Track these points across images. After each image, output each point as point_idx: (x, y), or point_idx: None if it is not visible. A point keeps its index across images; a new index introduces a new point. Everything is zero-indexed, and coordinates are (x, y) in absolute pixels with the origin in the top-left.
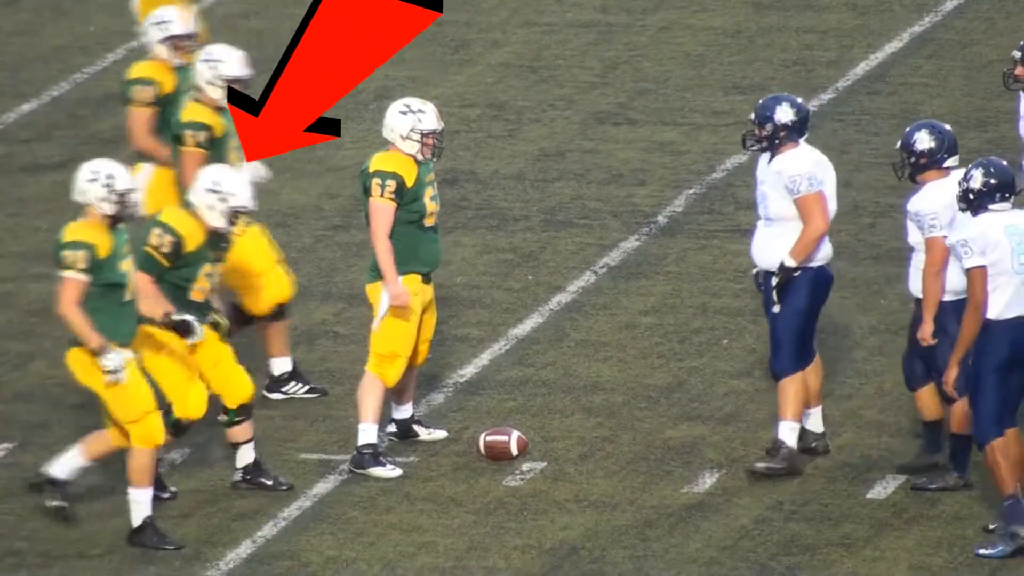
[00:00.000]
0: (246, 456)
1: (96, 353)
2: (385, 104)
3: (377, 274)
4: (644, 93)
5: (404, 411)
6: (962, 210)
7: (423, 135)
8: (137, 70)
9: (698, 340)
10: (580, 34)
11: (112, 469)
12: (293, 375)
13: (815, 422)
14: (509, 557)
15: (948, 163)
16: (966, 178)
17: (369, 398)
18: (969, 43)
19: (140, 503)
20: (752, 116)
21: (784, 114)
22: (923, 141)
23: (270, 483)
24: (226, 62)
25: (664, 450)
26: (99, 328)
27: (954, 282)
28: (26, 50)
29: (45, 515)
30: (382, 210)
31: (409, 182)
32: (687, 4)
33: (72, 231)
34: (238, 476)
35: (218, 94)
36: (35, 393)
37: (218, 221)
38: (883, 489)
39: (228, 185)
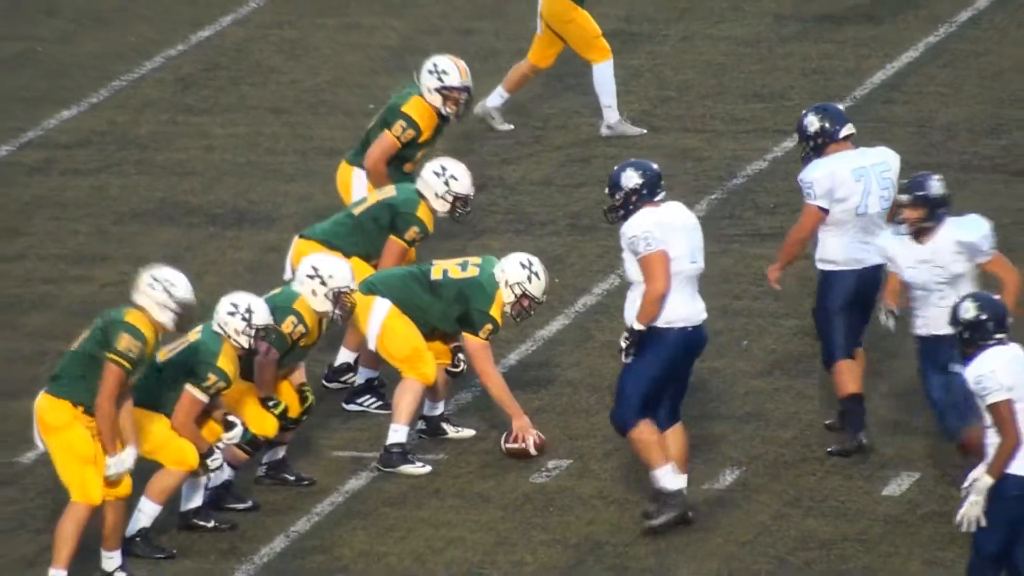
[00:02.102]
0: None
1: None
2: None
3: (367, 288)
4: (667, 101)
5: (434, 409)
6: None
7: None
8: (413, 106)
9: (719, 341)
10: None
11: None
12: (354, 370)
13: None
14: (535, 551)
15: (842, 135)
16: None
17: (405, 400)
18: (982, 53)
19: (146, 515)
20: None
21: (629, 179)
22: (813, 124)
23: (292, 479)
24: (460, 179)
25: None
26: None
27: (828, 252)
28: (66, 58)
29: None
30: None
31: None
32: (708, 15)
33: (224, 357)
34: (261, 471)
35: (444, 209)
36: None
37: (323, 305)
38: (898, 486)
39: (327, 268)
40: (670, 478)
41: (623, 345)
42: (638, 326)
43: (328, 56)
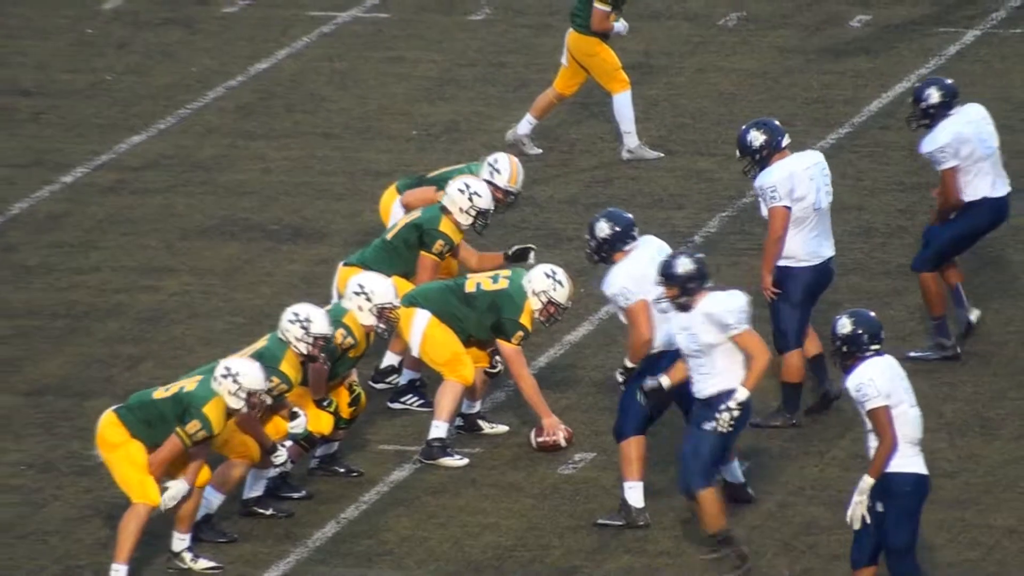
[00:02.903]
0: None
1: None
2: (456, 137)
3: (409, 301)
4: (682, 127)
5: (471, 407)
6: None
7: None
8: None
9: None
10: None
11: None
12: (398, 372)
13: (734, 474)
14: (563, 536)
15: (784, 143)
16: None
17: (446, 399)
18: (968, 83)
19: (211, 503)
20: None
21: (601, 229)
22: (757, 138)
23: (342, 470)
24: (482, 196)
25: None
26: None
27: (789, 249)
28: (137, 88)
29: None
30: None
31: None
32: (720, 48)
33: (286, 363)
34: (315, 463)
35: (467, 223)
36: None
37: (369, 319)
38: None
39: (371, 286)
40: (633, 494)
41: (620, 379)
42: (630, 364)
43: (374, 86)
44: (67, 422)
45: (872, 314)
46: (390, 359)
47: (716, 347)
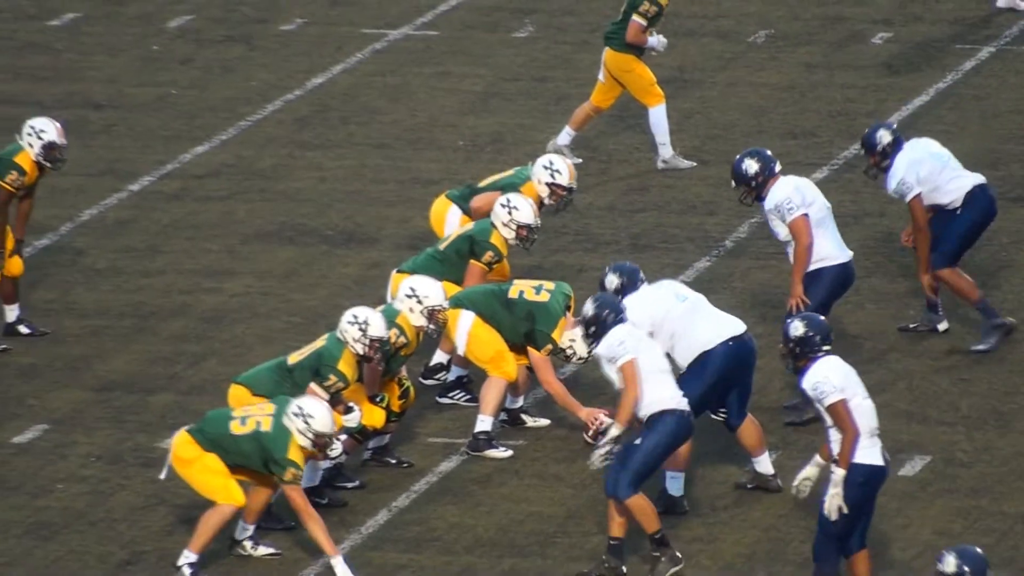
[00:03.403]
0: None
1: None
2: (501, 147)
3: (455, 303)
4: (714, 138)
5: (515, 402)
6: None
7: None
8: (526, 191)
9: (759, 343)
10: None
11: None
12: (447, 369)
13: (765, 465)
14: (601, 523)
15: (777, 169)
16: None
17: (491, 394)
18: (984, 97)
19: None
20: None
21: (611, 282)
22: (752, 167)
23: (393, 461)
24: (521, 210)
25: (730, 435)
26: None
27: (819, 251)
28: (199, 101)
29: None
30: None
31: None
32: (750, 64)
33: (344, 362)
34: (368, 455)
35: (511, 236)
36: (207, 387)
37: (419, 320)
38: (911, 468)
39: (422, 290)
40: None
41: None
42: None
43: (424, 99)
44: (134, 416)
45: (822, 318)
46: (439, 357)
47: (618, 378)
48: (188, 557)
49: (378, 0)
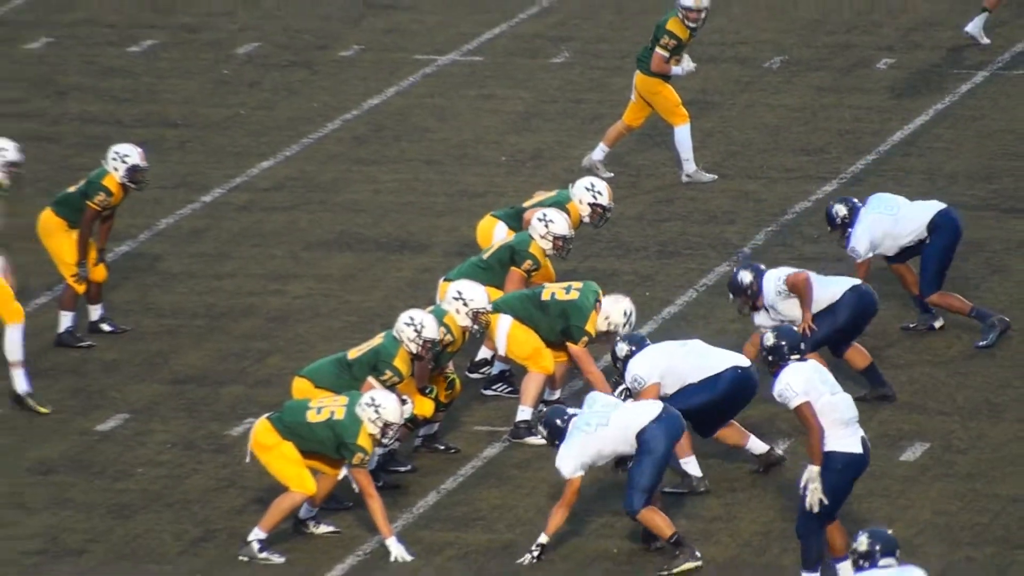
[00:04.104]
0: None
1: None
2: (540, 163)
3: (494, 308)
4: (733, 155)
5: (552, 394)
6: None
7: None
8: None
9: None
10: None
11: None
12: (491, 364)
13: (758, 446)
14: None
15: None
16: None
17: (531, 387)
18: (979, 117)
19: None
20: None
21: (621, 349)
22: (746, 277)
23: (442, 447)
24: (555, 223)
25: (748, 424)
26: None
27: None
28: (265, 120)
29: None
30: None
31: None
32: (766, 87)
33: (399, 359)
34: (418, 442)
35: (548, 247)
36: (272, 380)
37: (465, 321)
38: (912, 454)
39: (468, 294)
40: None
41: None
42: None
43: (469, 119)
44: (206, 407)
45: (795, 328)
46: (483, 353)
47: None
48: (258, 535)
49: (428, 28)
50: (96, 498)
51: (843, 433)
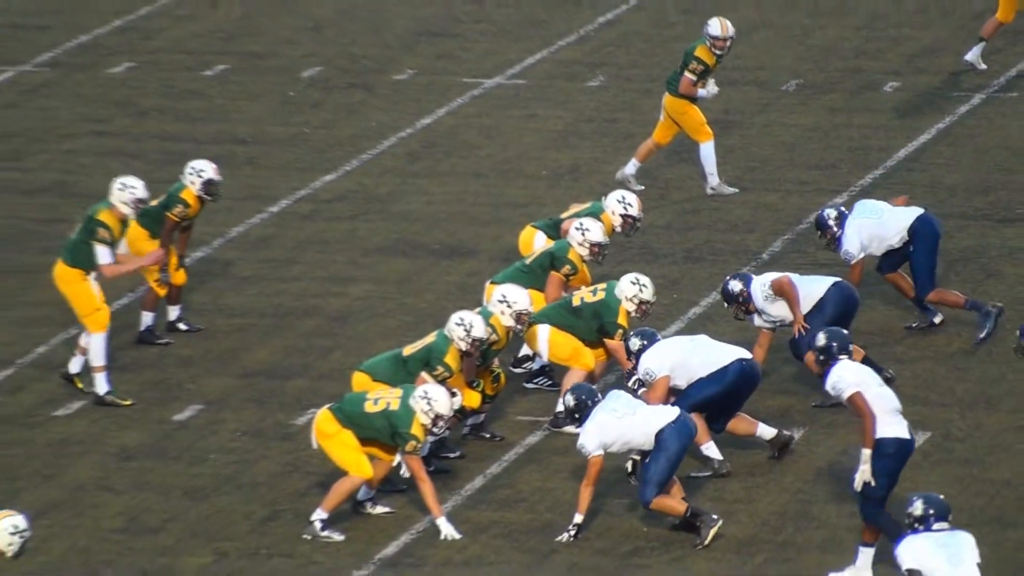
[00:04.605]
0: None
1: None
2: (577, 177)
3: (533, 320)
4: (753, 169)
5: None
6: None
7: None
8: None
9: (789, 336)
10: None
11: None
12: (532, 360)
13: (768, 432)
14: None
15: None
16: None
17: (570, 381)
18: (976, 135)
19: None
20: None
21: (634, 344)
22: (736, 286)
23: (488, 435)
24: (591, 231)
25: (766, 413)
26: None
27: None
28: (327, 138)
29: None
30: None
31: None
32: (783, 108)
33: (450, 356)
34: (466, 430)
35: (586, 254)
36: (334, 374)
37: (509, 322)
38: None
39: (512, 296)
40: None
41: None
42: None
43: (513, 137)
44: (273, 398)
45: (845, 332)
46: (526, 350)
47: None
48: (320, 515)
49: (476, 54)
50: (173, 481)
51: (891, 421)
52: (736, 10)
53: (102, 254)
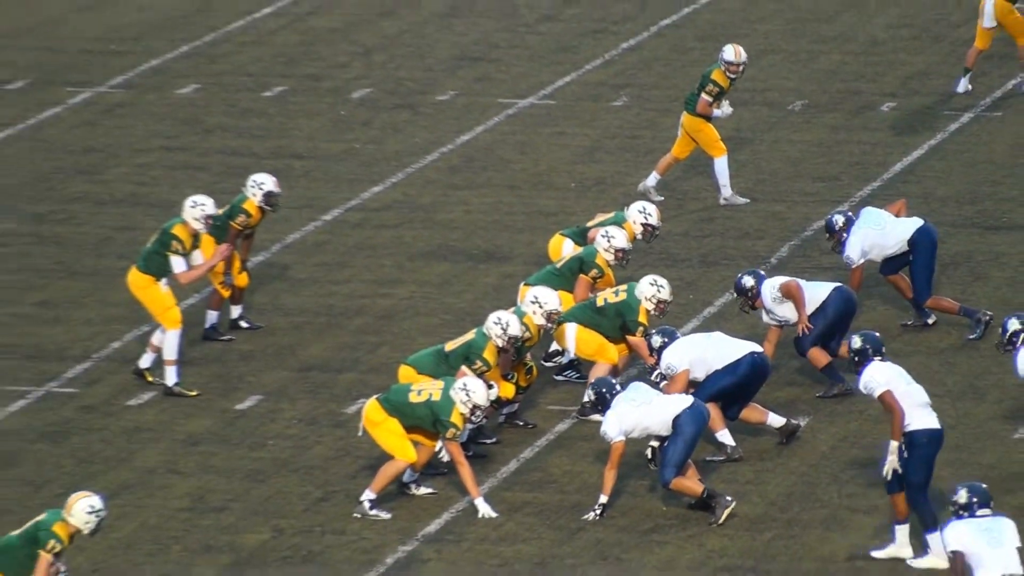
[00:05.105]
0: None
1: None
2: (603, 188)
3: (561, 320)
4: (762, 182)
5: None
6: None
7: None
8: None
9: (795, 334)
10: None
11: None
12: (562, 355)
13: (778, 420)
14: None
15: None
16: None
17: (596, 374)
18: (965, 151)
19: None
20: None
21: (656, 340)
22: (749, 282)
23: (521, 423)
24: (616, 238)
25: (774, 404)
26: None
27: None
28: (375, 153)
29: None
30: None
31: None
32: (790, 126)
33: (488, 351)
34: (501, 419)
35: (611, 259)
36: (381, 368)
37: (541, 320)
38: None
39: (543, 298)
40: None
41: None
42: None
43: (544, 152)
44: (326, 390)
45: (877, 334)
46: (556, 345)
47: None
48: (369, 496)
49: (511, 77)
50: (235, 465)
51: (922, 414)
52: (747, 37)
53: (177, 264)
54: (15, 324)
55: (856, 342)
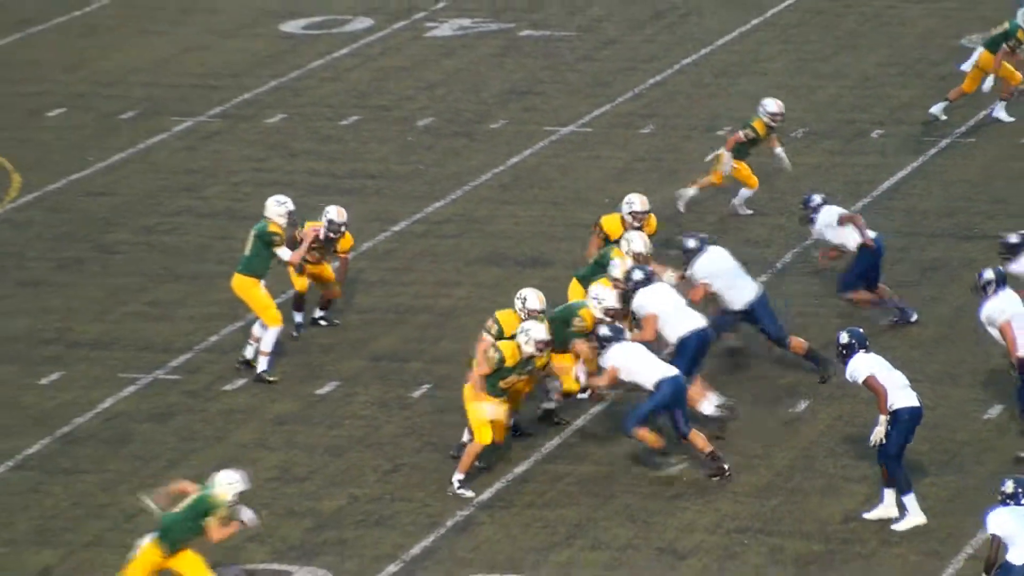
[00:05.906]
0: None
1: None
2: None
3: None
4: (774, 200)
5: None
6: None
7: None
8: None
9: (800, 323)
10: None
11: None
12: None
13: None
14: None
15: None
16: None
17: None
18: (942, 172)
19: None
20: None
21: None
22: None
23: (557, 421)
24: (633, 243)
25: (777, 388)
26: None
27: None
28: (438, 174)
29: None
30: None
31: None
32: (792, 150)
33: (507, 349)
34: (541, 413)
35: (619, 273)
36: (443, 358)
37: (599, 314)
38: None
39: (602, 295)
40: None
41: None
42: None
43: (582, 172)
44: (395, 376)
45: (861, 330)
46: None
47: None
48: (458, 476)
49: (553, 108)
50: (315, 441)
51: (903, 394)
52: (756, 75)
53: (283, 253)
54: (128, 320)
55: (843, 337)
